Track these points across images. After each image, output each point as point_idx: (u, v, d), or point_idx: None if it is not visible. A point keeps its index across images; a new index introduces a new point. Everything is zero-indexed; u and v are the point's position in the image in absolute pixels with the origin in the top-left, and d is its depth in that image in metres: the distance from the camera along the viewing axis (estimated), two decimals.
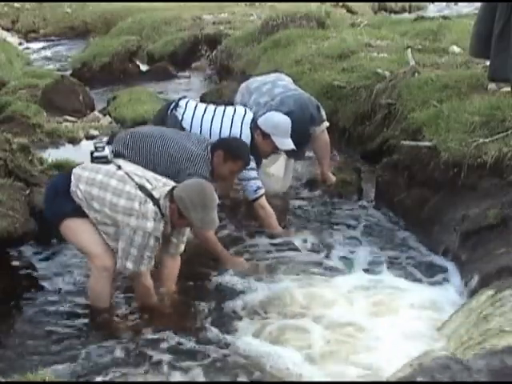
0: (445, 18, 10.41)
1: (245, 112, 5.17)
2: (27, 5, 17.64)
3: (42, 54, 14.11)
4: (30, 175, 5.13)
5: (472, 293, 3.96)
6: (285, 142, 5.04)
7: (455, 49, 7.61)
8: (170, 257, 4.16)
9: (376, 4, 17.10)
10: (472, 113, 5.17)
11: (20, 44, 14.88)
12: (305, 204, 5.75)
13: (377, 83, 6.69)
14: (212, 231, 4.51)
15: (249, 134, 5.03)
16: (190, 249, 4.35)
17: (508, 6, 5.49)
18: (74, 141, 7.68)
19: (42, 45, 15.19)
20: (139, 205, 3.83)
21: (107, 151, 4.19)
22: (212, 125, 5.03)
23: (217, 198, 3.96)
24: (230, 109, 5.20)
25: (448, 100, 5.65)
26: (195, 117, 5.07)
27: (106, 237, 3.98)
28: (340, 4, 14.83)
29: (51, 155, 6.23)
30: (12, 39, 14.78)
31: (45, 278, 4.63)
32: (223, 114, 5.10)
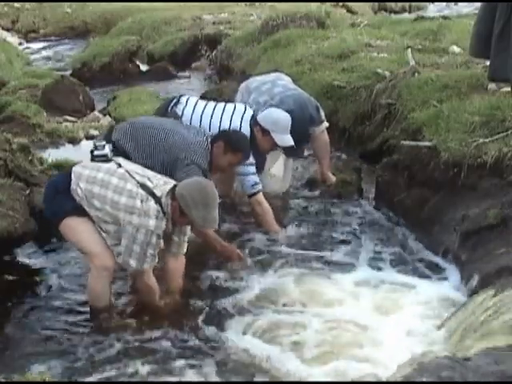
0: (445, 18, 10.41)
1: (245, 109, 5.16)
2: (27, 5, 17.63)
3: (42, 54, 14.10)
4: (30, 175, 5.13)
5: (472, 292, 3.96)
6: (284, 139, 5.03)
7: (455, 49, 7.60)
8: (173, 256, 4.16)
9: (376, 4, 17.10)
10: (472, 113, 5.17)
11: (20, 44, 14.87)
12: (305, 204, 5.75)
13: (377, 83, 6.69)
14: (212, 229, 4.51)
15: (248, 131, 5.02)
16: (192, 249, 4.36)
17: (508, 6, 5.49)
18: (74, 141, 7.69)
19: (42, 45, 15.17)
20: (141, 203, 3.84)
21: (107, 150, 4.18)
22: (211, 120, 5.02)
23: (218, 197, 3.97)
24: (230, 105, 5.20)
25: (448, 100, 5.65)
26: (195, 112, 5.07)
27: (106, 235, 3.99)
28: (340, 4, 14.84)
29: (51, 155, 6.22)
30: (12, 39, 14.76)
31: (45, 278, 4.64)
32: (223, 110, 5.09)
